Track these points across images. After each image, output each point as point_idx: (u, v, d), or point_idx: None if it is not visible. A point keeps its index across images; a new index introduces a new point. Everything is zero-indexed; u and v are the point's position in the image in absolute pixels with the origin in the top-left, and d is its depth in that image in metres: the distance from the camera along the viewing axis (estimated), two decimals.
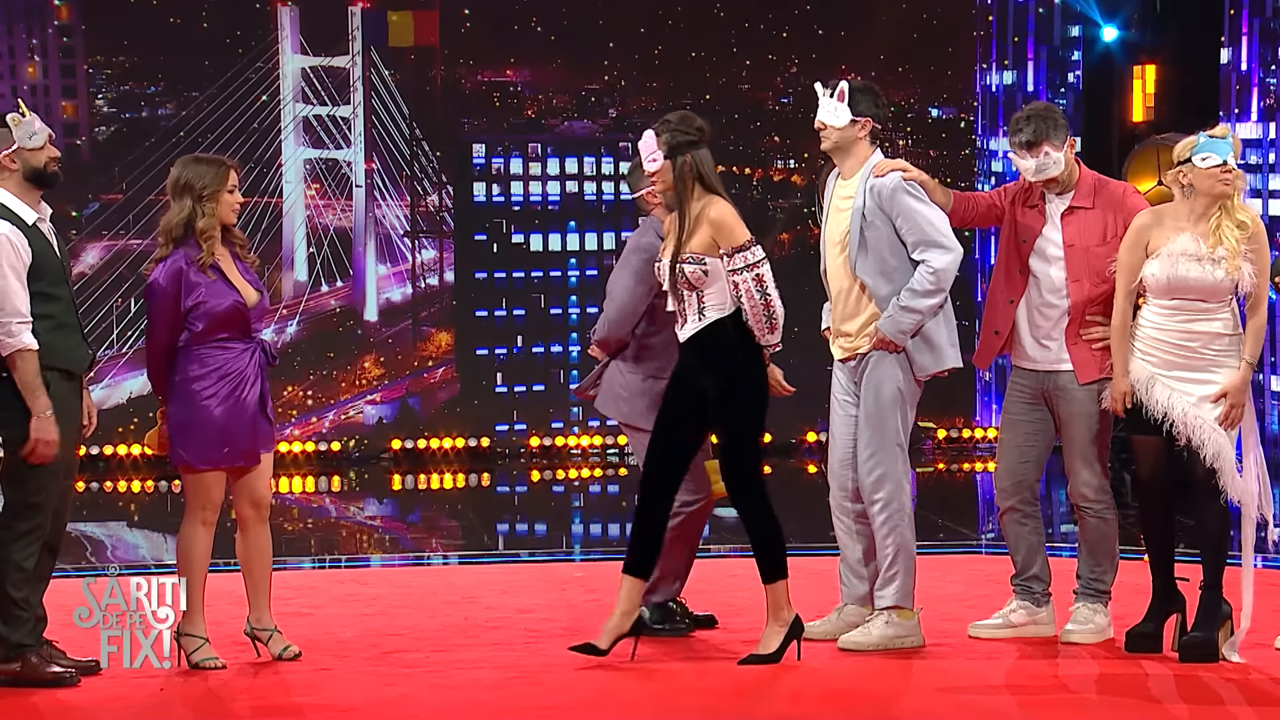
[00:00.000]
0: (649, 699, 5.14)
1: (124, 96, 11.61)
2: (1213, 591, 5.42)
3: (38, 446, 5.15)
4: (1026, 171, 5.63)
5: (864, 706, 5.05)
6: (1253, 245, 5.36)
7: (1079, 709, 4.97)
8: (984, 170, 12.01)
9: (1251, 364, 5.36)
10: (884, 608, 5.59)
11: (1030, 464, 5.71)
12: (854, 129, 5.61)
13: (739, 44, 11.78)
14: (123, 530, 9.55)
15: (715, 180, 5.38)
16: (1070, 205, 5.66)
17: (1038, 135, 5.58)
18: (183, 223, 5.38)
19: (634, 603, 5.35)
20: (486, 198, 11.92)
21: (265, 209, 11.64)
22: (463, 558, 8.21)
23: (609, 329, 5.76)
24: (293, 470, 11.26)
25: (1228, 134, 5.39)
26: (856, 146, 5.62)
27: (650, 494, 5.38)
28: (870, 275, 5.56)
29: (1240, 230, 5.34)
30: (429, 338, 11.99)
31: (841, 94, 5.60)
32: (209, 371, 5.35)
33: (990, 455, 11.42)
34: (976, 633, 5.75)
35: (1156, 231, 5.42)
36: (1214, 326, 5.38)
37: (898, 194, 5.54)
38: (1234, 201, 5.38)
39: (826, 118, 5.62)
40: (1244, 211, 5.37)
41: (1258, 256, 5.38)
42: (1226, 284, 5.34)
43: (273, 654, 5.46)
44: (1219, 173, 5.35)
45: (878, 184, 5.57)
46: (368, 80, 11.77)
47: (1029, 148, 5.59)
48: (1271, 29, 11.15)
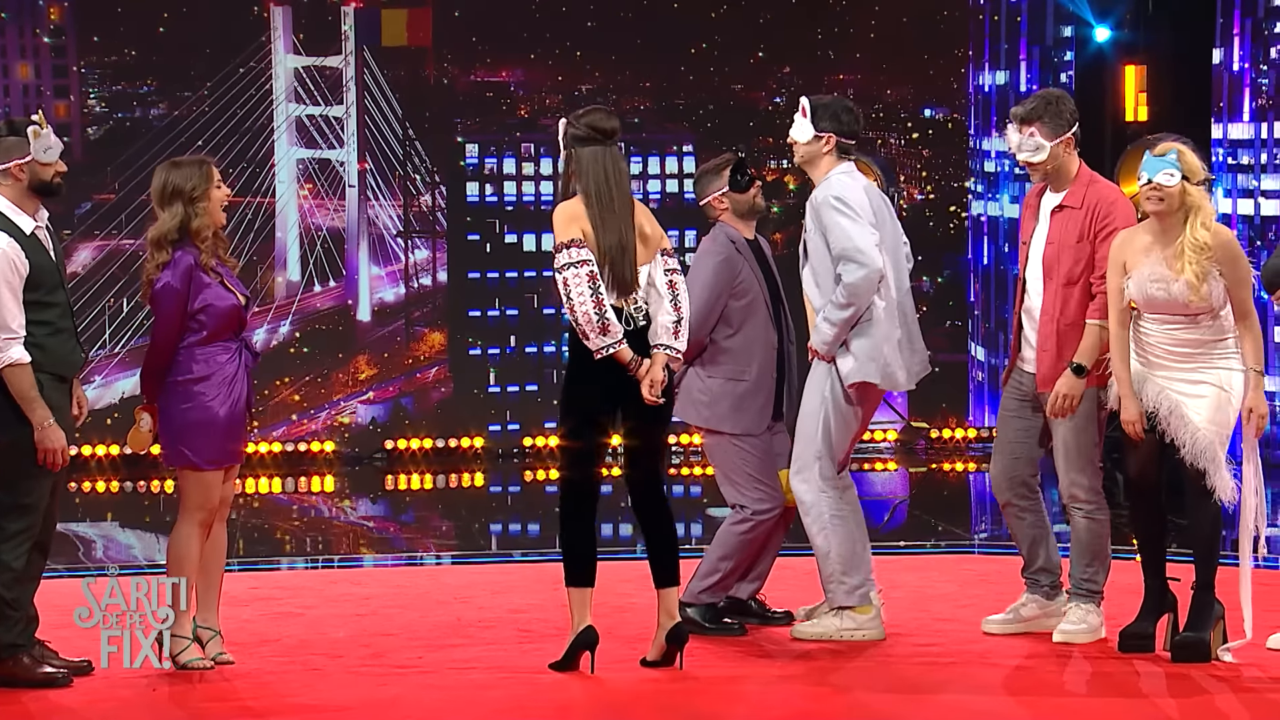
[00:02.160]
0: (645, 699, 5.14)
1: (116, 96, 11.59)
2: (1205, 591, 5.42)
3: (48, 457, 5.19)
4: (1010, 145, 5.66)
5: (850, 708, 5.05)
6: (1221, 260, 5.34)
7: (1071, 709, 4.97)
8: (976, 170, 12.02)
9: (1258, 370, 5.34)
10: (835, 608, 5.72)
11: (1022, 460, 5.73)
12: (818, 144, 5.74)
13: (731, 44, 11.78)
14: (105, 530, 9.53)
15: (586, 179, 5.28)
16: (1060, 204, 5.67)
17: (1032, 114, 5.60)
18: (177, 227, 5.38)
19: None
20: (479, 197, 11.91)
21: (258, 209, 11.62)
22: (455, 558, 8.21)
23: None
24: (285, 470, 11.25)
25: (1168, 152, 5.37)
26: (821, 161, 5.75)
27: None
28: (809, 286, 5.74)
29: (1200, 252, 5.31)
30: (422, 338, 11.98)
31: (804, 110, 5.71)
32: (213, 373, 5.37)
33: (984, 456, 11.43)
34: (988, 628, 5.77)
35: (1129, 252, 5.43)
36: (1202, 335, 5.39)
37: (824, 208, 5.68)
38: (1195, 220, 5.35)
39: (794, 133, 5.79)
40: (1202, 230, 5.33)
41: (1230, 269, 5.34)
42: (1197, 305, 5.35)
43: (209, 655, 5.43)
44: (1146, 191, 5.36)
45: (814, 197, 5.73)
46: (360, 80, 11.76)
47: (1021, 122, 5.61)
48: (1263, 29, 11.16)
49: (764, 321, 5.83)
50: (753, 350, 5.78)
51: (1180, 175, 5.34)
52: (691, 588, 5.85)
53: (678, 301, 5.29)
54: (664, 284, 5.29)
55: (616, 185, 5.28)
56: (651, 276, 5.30)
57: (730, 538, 5.85)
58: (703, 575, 5.86)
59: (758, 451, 5.82)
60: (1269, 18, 11.13)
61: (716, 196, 5.90)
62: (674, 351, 5.29)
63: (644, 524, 5.42)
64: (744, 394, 5.78)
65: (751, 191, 5.89)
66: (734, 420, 5.79)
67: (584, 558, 5.32)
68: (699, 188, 5.98)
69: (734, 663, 5.49)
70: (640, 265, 5.29)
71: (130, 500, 10.30)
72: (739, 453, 5.82)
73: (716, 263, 5.81)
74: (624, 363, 5.25)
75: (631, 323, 5.27)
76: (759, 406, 5.82)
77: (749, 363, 5.77)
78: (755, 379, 5.81)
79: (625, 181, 5.31)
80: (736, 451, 5.83)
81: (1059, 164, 5.64)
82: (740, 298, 5.79)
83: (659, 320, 5.28)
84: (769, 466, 5.81)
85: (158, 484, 10.41)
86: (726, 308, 5.81)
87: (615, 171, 5.29)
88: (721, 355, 5.83)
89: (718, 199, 5.90)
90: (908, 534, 8.93)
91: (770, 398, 5.85)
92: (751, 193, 5.89)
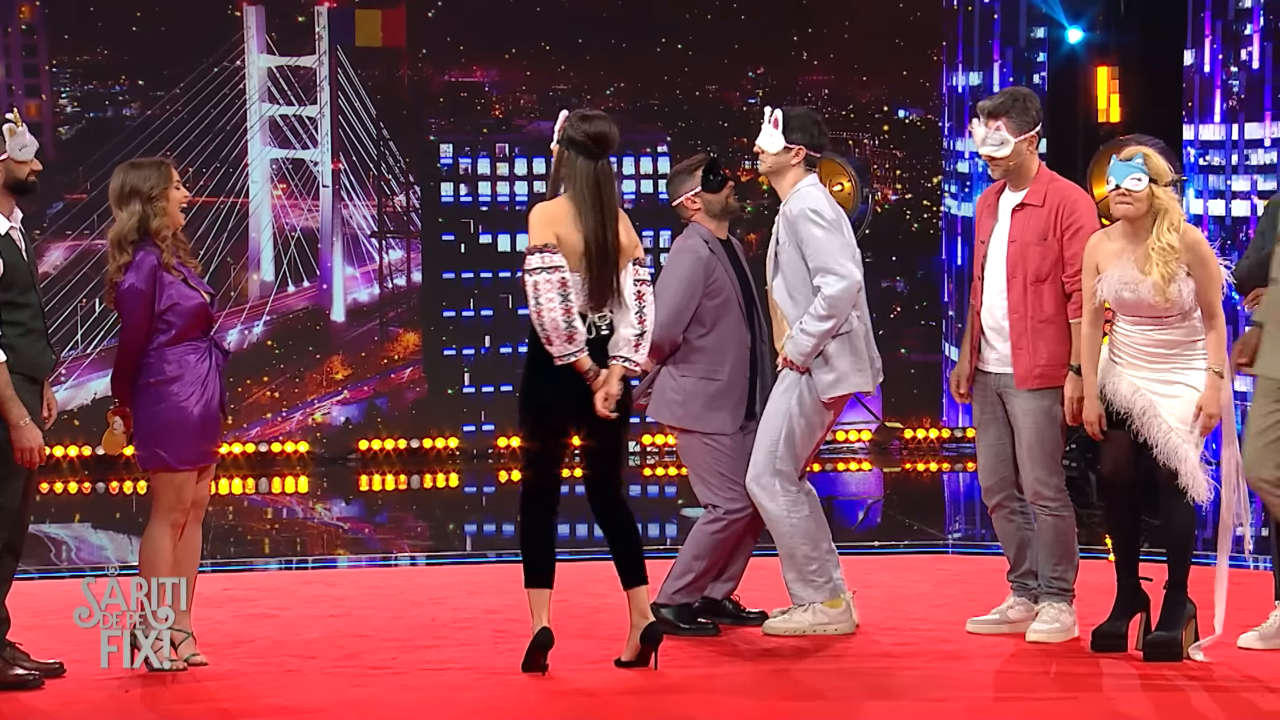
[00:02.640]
0: (619, 700, 5.14)
1: (88, 96, 11.54)
2: (1177, 591, 5.44)
3: (24, 455, 5.16)
4: (975, 138, 5.68)
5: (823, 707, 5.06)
6: (1190, 262, 5.37)
7: (1043, 708, 4.99)
8: (950, 171, 12.06)
9: (1219, 372, 5.37)
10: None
11: (1006, 461, 5.75)
12: (787, 155, 5.78)
13: (706, 44, 11.79)
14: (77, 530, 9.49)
15: (580, 184, 5.27)
16: (1021, 202, 5.70)
17: (1000, 109, 5.62)
18: (136, 227, 5.36)
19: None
20: (454, 198, 11.89)
21: (231, 209, 11.59)
22: (430, 558, 8.19)
23: (660, 332, 5.80)
24: (259, 471, 11.22)
25: (1134, 156, 5.40)
26: (789, 172, 5.79)
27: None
28: (782, 297, 5.76)
29: (1167, 254, 5.34)
30: (396, 338, 11.96)
31: (776, 120, 5.75)
32: (185, 373, 5.35)
33: (957, 456, 11.47)
34: (973, 628, 5.79)
35: (1100, 255, 5.47)
36: (1175, 335, 5.42)
37: (800, 220, 5.71)
38: (1162, 222, 5.38)
39: (762, 142, 5.81)
40: (1170, 233, 5.36)
41: (1199, 270, 5.37)
42: (1164, 306, 5.37)
43: (182, 656, 5.41)
44: (1114, 196, 5.40)
45: (788, 209, 5.75)
46: (334, 80, 11.73)
47: (988, 116, 5.64)
48: (1234, 31, 11.23)
49: (737, 321, 5.84)
50: (726, 350, 5.80)
51: (1148, 179, 5.37)
52: (666, 588, 5.86)
53: (644, 313, 5.26)
54: (631, 295, 5.26)
55: (604, 193, 5.26)
56: (620, 286, 5.27)
57: (703, 538, 5.86)
58: (677, 576, 5.87)
59: (731, 451, 5.83)
60: (1239, 20, 11.19)
61: (689, 197, 5.92)
62: (632, 364, 5.26)
63: (604, 526, 5.41)
64: (717, 393, 5.80)
65: (724, 192, 5.90)
66: (707, 420, 5.80)
67: (541, 559, 5.30)
68: (671, 188, 5.99)
69: (708, 663, 5.49)
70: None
71: (100, 501, 10.26)
72: (712, 452, 5.83)
73: (690, 262, 5.82)
74: (582, 372, 5.23)
75: (594, 331, 5.25)
76: (732, 406, 5.83)
77: (722, 362, 5.79)
78: (728, 379, 5.82)
79: (613, 189, 5.29)
80: (709, 451, 5.83)
81: (1021, 161, 5.66)
82: (713, 297, 5.81)
83: (621, 332, 5.26)
84: (742, 466, 5.82)
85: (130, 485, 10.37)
86: (700, 307, 5.81)
87: (607, 178, 5.29)
88: (695, 355, 5.84)
89: (690, 199, 5.92)
90: (882, 534, 8.96)
91: (743, 397, 5.86)
92: (724, 193, 5.90)
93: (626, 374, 5.28)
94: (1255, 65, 11.11)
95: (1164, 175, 5.41)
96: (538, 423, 5.30)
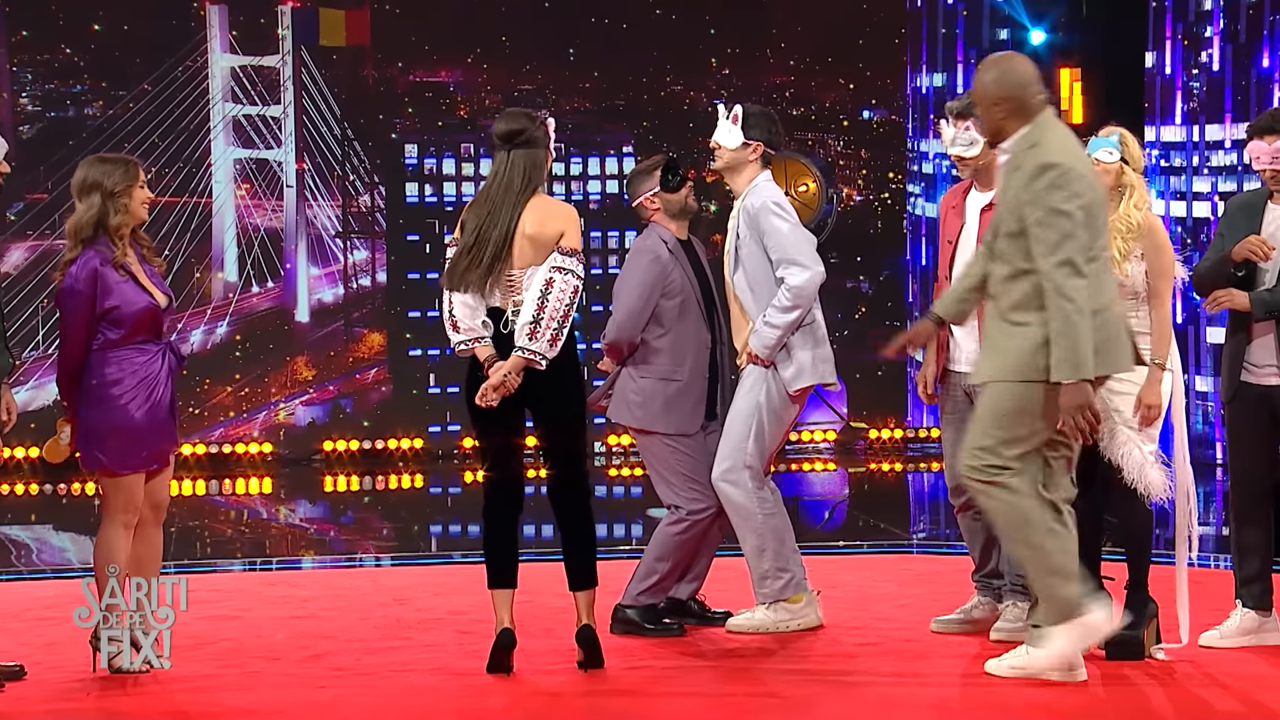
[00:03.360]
0: (582, 700, 5.14)
1: (49, 95, 11.47)
2: (1138, 590, 5.47)
3: None
4: (944, 139, 5.71)
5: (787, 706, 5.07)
6: (1147, 248, 5.38)
7: (1004, 704, 5.01)
8: (915, 173, 12.10)
9: (1160, 364, 5.37)
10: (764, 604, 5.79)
11: None
12: (745, 151, 5.81)
13: (670, 45, 11.80)
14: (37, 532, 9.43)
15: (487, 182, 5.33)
16: (991, 202, 5.71)
17: (968, 109, 5.64)
18: (92, 221, 5.30)
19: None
20: (419, 198, 11.87)
21: (195, 209, 11.53)
22: (395, 559, 8.17)
23: (618, 332, 5.82)
24: (223, 472, 11.17)
25: (1112, 133, 5.43)
26: (746, 168, 5.82)
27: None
28: (743, 291, 5.77)
29: (1128, 232, 5.36)
30: (361, 338, 11.93)
31: (736, 117, 5.78)
32: (126, 375, 5.28)
33: (922, 456, 11.51)
34: (937, 627, 5.80)
35: None
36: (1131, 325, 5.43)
37: (763, 213, 5.73)
38: (1129, 199, 5.40)
39: (720, 138, 5.83)
40: (1135, 211, 5.39)
41: (1152, 257, 5.38)
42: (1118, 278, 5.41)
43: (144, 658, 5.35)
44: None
45: (748, 203, 5.77)
46: (298, 80, 11.69)
47: (957, 116, 5.66)
48: (1194, 34, 11.31)
49: (696, 321, 5.85)
50: (685, 350, 5.79)
51: (1120, 156, 5.41)
52: (630, 590, 5.86)
53: (544, 299, 5.16)
54: (541, 281, 5.19)
55: (503, 184, 5.25)
56: (509, 274, 5.23)
57: (666, 539, 5.86)
58: (641, 577, 5.87)
59: (692, 451, 5.84)
60: (1199, 22, 11.27)
61: (648, 197, 5.92)
62: (528, 353, 5.18)
63: (560, 526, 5.39)
64: (676, 394, 5.79)
65: (683, 192, 5.91)
66: (666, 420, 5.81)
67: (502, 559, 5.30)
68: (631, 188, 5.99)
69: (672, 663, 5.50)
70: (527, 266, 5.23)
71: (56, 503, 10.19)
72: (672, 453, 5.84)
73: (647, 263, 5.82)
74: (480, 361, 5.24)
75: (509, 325, 5.25)
76: (691, 406, 5.83)
77: (681, 363, 5.78)
78: (688, 379, 5.82)
79: (516, 180, 5.23)
80: (670, 452, 5.84)
81: (990, 160, 5.69)
82: (671, 298, 5.81)
83: (519, 320, 5.21)
84: (703, 466, 5.83)
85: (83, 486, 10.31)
86: (658, 308, 5.82)
87: (506, 171, 5.26)
88: (653, 355, 5.84)
89: (649, 199, 5.92)
90: (847, 534, 8.98)
91: (703, 398, 5.87)
92: (683, 193, 5.91)
93: (525, 364, 5.19)
94: (1215, 67, 11.19)
95: (1138, 161, 5.44)
96: (480, 422, 5.30)
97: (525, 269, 5.23)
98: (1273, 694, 5.06)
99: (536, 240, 5.23)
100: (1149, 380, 5.35)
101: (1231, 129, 11.10)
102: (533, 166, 5.26)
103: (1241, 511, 5.57)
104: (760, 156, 5.81)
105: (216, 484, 10.83)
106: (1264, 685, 5.14)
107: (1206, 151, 11.24)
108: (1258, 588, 5.56)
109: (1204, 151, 11.25)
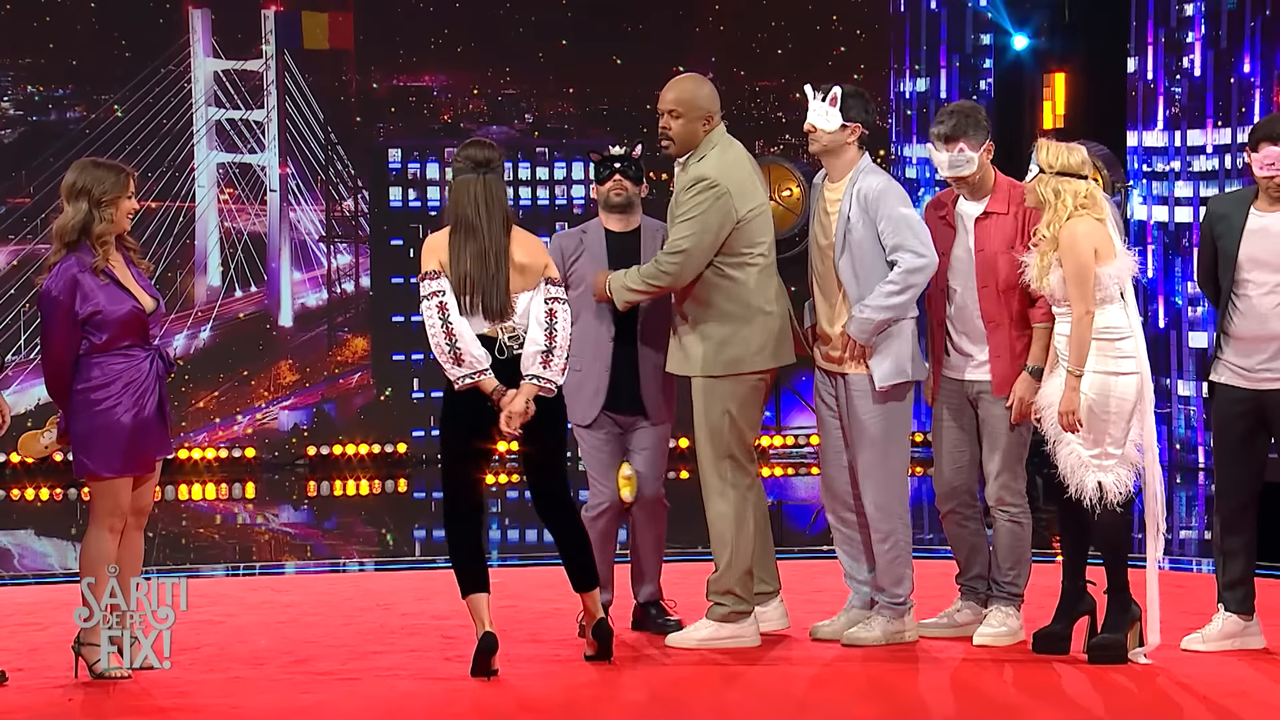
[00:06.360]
0: (567, 704, 5.14)
1: (31, 99, 11.44)
2: (1119, 594, 5.48)
3: None
4: (940, 165, 5.69)
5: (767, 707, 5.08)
6: (1061, 253, 5.39)
7: (988, 710, 5.02)
8: (898, 177, 12.13)
9: (1073, 371, 5.36)
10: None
11: (964, 468, 5.77)
12: (843, 134, 5.70)
13: (652, 49, 11.81)
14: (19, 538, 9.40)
15: (454, 207, 5.32)
16: (985, 211, 5.73)
17: (956, 130, 5.64)
18: (78, 226, 5.29)
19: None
20: (403, 202, 11.86)
21: (178, 214, 11.51)
22: (378, 564, 8.16)
23: None
24: (206, 477, 11.14)
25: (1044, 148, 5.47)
26: (845, 151, 5.70)
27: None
28: (847, 277, 5.64)
29: (1043, 243, 5.39)
30: (344, 343, 11.92)
31: (834, 98, 5.68)
32: (112, 380, 5.27)
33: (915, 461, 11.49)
34: (921, 632, 5.80)
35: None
36: (1063, 329, 5.46)
37: (884, 197, 5.62)
38: (1047, 214, 5.42)
39: (817, 121, 5.70)
40: (1049, 227, 5.41)
41: (1065, 262, 5.38)
42: (1038, 291, 5.44)
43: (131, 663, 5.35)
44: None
45: (864, 187, 5.65)
46: (281, 84, 11.68)
47: (946, 141, 5.66)
48: (1176, 39, 11.35)
49: (598, 312, 5.74)
50: (584, 341, 5.68)
51: (1037, 169, 5.44)
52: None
53: (553, 330, 5.28)
54: (542, 312, 5.30)
55: (486, 212, 5.29)
56: (531, 305, 5.30)
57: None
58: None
59: (586, 444, 5.81)
60: (1181, 28, 11.31)
61: (594, 188, 5.96)
62: (542, 381, 5.28)
63: (551, 531, 5.47)
64: (572, 385, 5.64)
65: (607, 185, 5.87)
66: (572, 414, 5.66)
67: (471, 565, 5.37)
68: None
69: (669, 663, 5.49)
70: (518, 293, 5.30)
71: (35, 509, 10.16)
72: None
73: (550, 250, 5.71)
74: (486, 393, 5.27)
75: (505, 351, 5.29)
76: (587, 398, 5.77)
77: (580, 353, 5.66)
78: (585, 369, 5.75)
79: (498, 208, 5.30)
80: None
81: (984, 173, 5.72)
82: (574, 288, 5.72)
83: (527, 349, 5.30)
84: (597, 460, 5.78)
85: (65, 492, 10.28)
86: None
87: (486, 198, 5.31)
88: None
89: (594, 191, 5.98)
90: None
91: (601, 389, 5.78)
92: (607, 186, 5.87)
93: (539, 392, 5.28)
94: (1197, 73, 11.24)
95: (1054, 165, 5.45)
96: (449, 447, 5.38)
97: (522, 296, 5.32)
98: (1254, 698, 5.07)
99: (527, 270, 5.32)
100: (1066, 388, 5.37)
101: (1213, 134, 11.15)
102: (505, 196, 5.36)
103: (1225, 516, 5.59)
104: (858, 138, 5.69)
105: (200, 488, 10.80)
106: (1245, 689, 5.16)
107: (1188, 156, 11.28)
108: (1240, 592, 5.58)
109: (1185, 156, 11.29)
